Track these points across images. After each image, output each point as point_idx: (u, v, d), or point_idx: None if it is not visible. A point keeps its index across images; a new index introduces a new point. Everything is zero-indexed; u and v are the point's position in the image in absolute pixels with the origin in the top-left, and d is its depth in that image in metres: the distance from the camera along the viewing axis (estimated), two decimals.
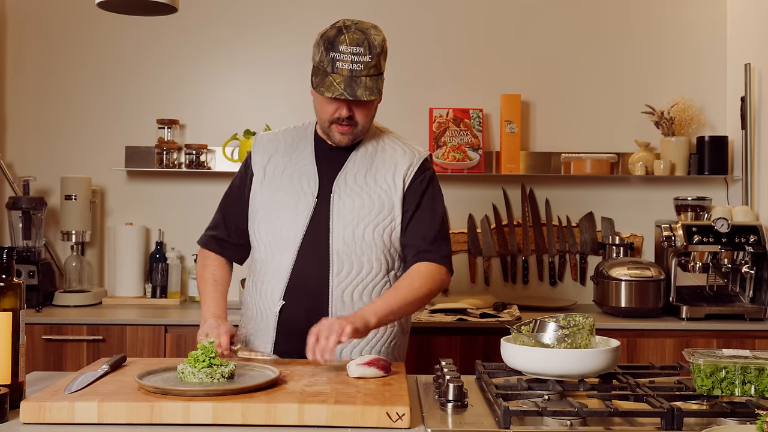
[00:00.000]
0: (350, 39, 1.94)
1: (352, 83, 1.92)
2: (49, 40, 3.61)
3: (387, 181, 2.06)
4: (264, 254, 2.08)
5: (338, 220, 2.01)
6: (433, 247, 2.05)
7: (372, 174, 2.06)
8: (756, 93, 3.41)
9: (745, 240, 3.09)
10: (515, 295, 3.58)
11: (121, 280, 3.48)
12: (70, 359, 3.01)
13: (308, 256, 2.02)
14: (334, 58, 1.94)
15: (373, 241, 2.02)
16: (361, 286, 2.03)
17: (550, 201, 3.63)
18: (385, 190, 2.05)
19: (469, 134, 3.51)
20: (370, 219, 2.02)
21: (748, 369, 1.54)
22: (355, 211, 2.02)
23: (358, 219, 2.02)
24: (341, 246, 2.01)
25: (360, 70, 1.93)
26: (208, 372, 1.59)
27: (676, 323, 3.05)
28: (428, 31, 3.64)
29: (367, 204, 2.03)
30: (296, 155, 2.11)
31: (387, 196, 2.05)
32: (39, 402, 1.47)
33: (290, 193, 2.06)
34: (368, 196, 2.04)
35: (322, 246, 2.01)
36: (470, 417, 1.51)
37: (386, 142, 2.12)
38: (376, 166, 2.07)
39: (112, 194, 3.62)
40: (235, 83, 3.63)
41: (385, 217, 2.04)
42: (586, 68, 3.65)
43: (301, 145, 2.12)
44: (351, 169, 2.07)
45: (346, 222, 2.01)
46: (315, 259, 2.01)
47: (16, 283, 1.58)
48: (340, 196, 2.03)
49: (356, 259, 2.01)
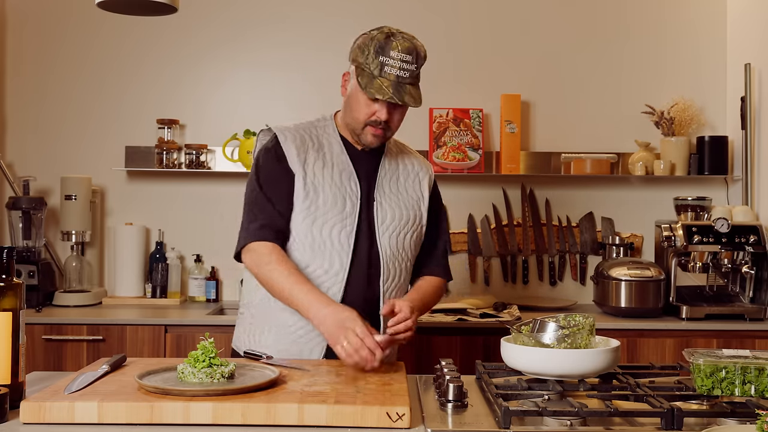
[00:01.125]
0: (401, 46, 1.94)
1: (399, 89, 1.93)
2: (49, 40, 3.61)
3: (416, 191, 2.12)
4: (307, 257, 1.99)
5: (382, 227, 2.03)
6: (442, 261, 2.17)
7: (402, 183, 2.11)
8: (756, 93, 3.41)
9: (745, 240, 3.09)
10: (515, 295, 3.58)
11: (121, 280, 3.48)
12: (70, 359, 3.01)
13: (360, 261, 1.99)
14: (383, 62, 1.92)
15: (410, 248, 2.08)
16: (399, 292, 2.07)
17: (550, 201, 3.63)
18: (415, 200, 2.11)
19: (469, 134, 3.51)
20: (409, 227, 2.07)
21: (748, 369, 1.54)
22: (396, 218, 2.05)
23: (399, 228, 2.05)
24: (388, 251, 2.02)
25: (405, 78, 1.94)
26: (208, 372, 1.59)
27: (676, 323, 3.05)
28: (428, 31, 3.63)
29: (405, 213, 2.07)
30: (328, 152, 2.05)
31: (417, 206, 2.11)
32: (39, 402, 1.47)
33: (336, 194, 2.00)
34: (404, 204, 2.08)
35: (372, 252, 2.01)
36: (470, 417, 1.50)
37: (403, 152, 2.17)
38: (403, 175, 2.12)
39: (112, 194, 3.62)
40: (235, 83, 3.63)
41: (417, 228, 2.10)
42: (587, 68, 3.65)
43: (329, 143, 2.06)
44: (385, 176, 2.08)
45: (390, 230, 2.04)
46: (365, 264, 2.00)
47: (16, 283, 1.58)
48: (382, 203, 2.05)
49: (398, 265, 2.05)
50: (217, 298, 3.54)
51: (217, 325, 3.02)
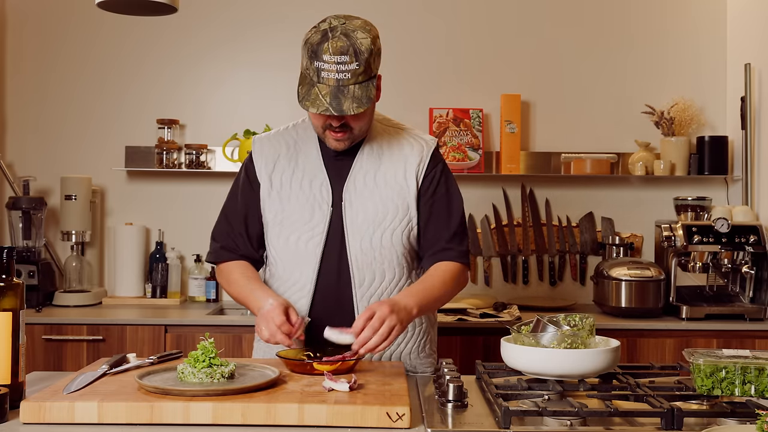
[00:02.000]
0: (334, 47, 1.77)
1: (339, 95, 1.77)
2: (49, 39, 3.61)
3: (398, 180, 1.95)
4: (282, 270, 1.97)
5: (352, 229, 1.91)
6: (451, 244, 1.97)
7: (382, 174, 1.95)
8: (756, 93, 3.41)
9: (745, 240, 3.09)
10: (515, 295, 3.58)
11: (121, 280, 3.48)
12: (70, 359, 3.01)
13: (329, 270, 1.92)
14: (318, 68, 1.78)
15: (392, 246, 1.93)
16: (386, 294, 1.93)
17: (550, 201, 3.63)
18: (398, 191, 1.94)
19: (469, 134, 3.51)
20: (386, 225, 1.92)
21: (748, 369, 1.54)
22: (369, 218, 1.92)
23: (373, 227, 1.92)
24: (359, 256, 1.91)
25: (347, 79, 1.78)
26: (208, 372, 1.59)
27: (676, 323, 3.05)
28: (428, 31, 3.64)
29: (381, 209, 1.93)
30: (302, 159, 1.98)
31: (400, 198, 1.94)
32: (39, 402, 1.47)
33: (303, 203, 1.93)
34: (380, 200, 1.93)
35: (341, 258, 1.91)
36: (470, 417, 1.50)
37: (392, 136, 2.00)
38: (384, 165, 1.96)
39: (112, 194, 3.62)
40: (235, 83, 3.63)
41: (401, 221, 1.94)
42: (586, 68, 3.65)
43: (305, 147, 1.99)
44: (359, 172, 1.95)
45: (362, 231, 1.91)
46: (335, 273, 1.92)
47: (16, 283, 1.58)
48: (351, 203, 1.92)
49: (377, 268, 1.92)
50: (217, 298, 3.54)
51: (217, 325, 3.02)
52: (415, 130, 2.07)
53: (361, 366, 1.80)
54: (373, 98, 1.84)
